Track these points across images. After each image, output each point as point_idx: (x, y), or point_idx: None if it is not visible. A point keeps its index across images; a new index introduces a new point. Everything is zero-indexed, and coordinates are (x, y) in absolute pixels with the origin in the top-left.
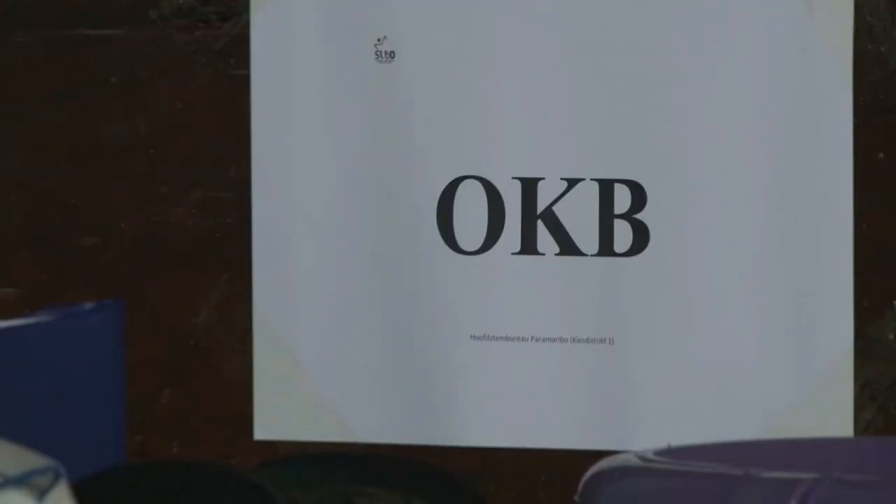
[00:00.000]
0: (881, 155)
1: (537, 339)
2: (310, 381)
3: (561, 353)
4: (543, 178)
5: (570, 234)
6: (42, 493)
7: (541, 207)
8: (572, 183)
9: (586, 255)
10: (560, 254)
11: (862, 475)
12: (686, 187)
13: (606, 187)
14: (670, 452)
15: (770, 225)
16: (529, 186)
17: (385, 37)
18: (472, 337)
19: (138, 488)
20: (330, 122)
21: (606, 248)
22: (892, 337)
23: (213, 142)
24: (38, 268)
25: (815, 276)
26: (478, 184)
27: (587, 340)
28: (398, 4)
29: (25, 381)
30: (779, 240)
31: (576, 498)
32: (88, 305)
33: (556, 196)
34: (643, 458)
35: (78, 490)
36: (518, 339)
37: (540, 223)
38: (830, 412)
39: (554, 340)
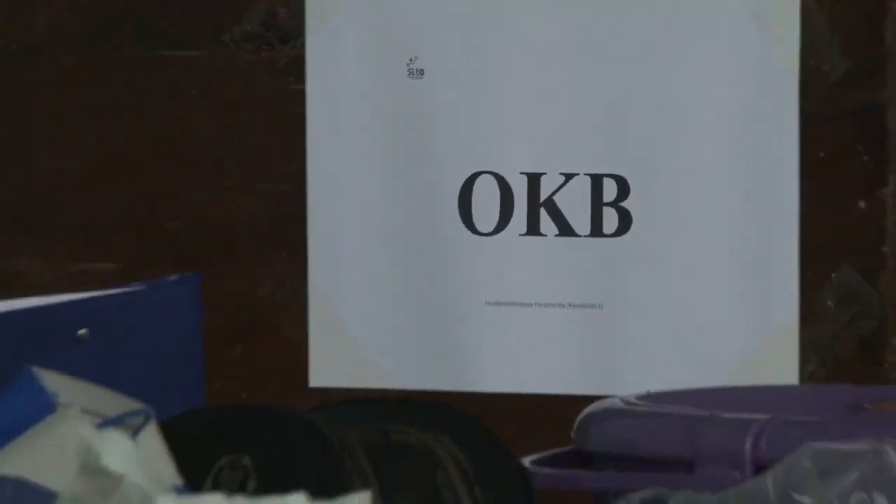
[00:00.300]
0: (822, 154)
1: (540, 305)
2: (354, 339)
3: (559, 316)
4: (545, 174)
5: (567, 218)
6: (135, 431)
7: (543, 197)
8: (569, 177)
9: (580, 236)
10: (559, 235)
11: (805, 416)
12: (662, 181)
13: (596, 181)
14: (649, 397)
15: (731, 212)
16: (534, 180)
17: (416, 58)
18: (487, 303)
19: (214, 427)
20: (371, 127)
21: (597, 230)
22: (830, 303)
23: (275, 144)
24: (132, 247)
25: (768, 254)
26: (491, 178)
27: (581, 305)
28: (426, 33)
29: (122, 339)
30: (739, 225)
31: (572, 435)
32: (172, 277)
33: (555, 188)
34: (626, 402)
35: (164, 428)
36: (524, 304)
37: (542, 210)
38: (780, 364)
39: (554, 305)
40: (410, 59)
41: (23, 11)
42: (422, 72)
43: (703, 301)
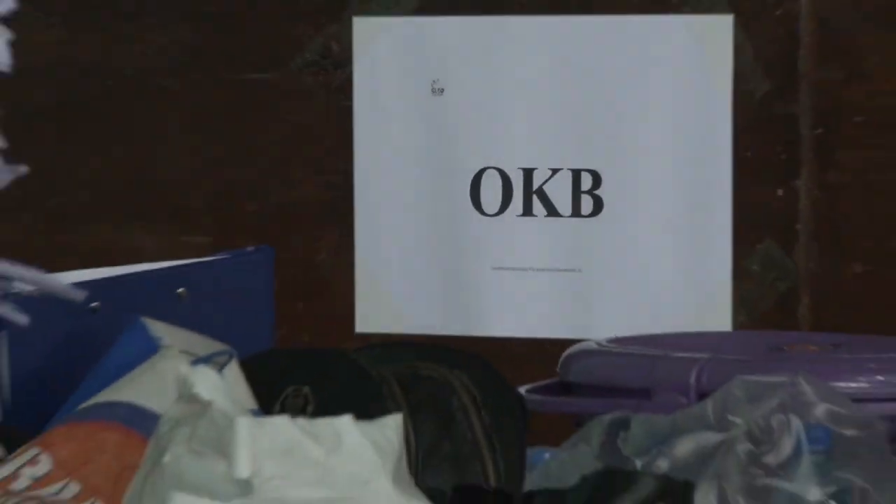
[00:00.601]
0: (749, 153)
1: (533, 269)
2: (389, 295)
3: (548, 278)
4: (537, 168)
5: (554, 203)
6: (221, 367)
7: (535, 186)
8: (555, 171)
9: (563, 217)
10: (547, 216)
11: (736, 356)
12: (627, 174)
13: (576, 174)
14: (616, 340)
15: (680, 198)
16: (528, 173)
17: (437, 79)
18: (493, 268)
19: (281, 364)
20: (403, 133)
21: (576, 212)
22: (755, 268)
23: (330, 146)
24: (220, 224)
25: (708, 230)
26: (495, 171)
27: (564, 270)
28: (445, 61)
29: (211, 296)
30: (685, 207)
31: (557, 369)
32: (251, 249)
33: (544, 179)
34: (599, 344)
35: (243, 365)
36: (521, 269)
37: (535, 196)
38: (717, 315)
39: (543, 270)
40: (434, 81)
41: (135, 44)
42: (442, 90)
43: (658, 266)
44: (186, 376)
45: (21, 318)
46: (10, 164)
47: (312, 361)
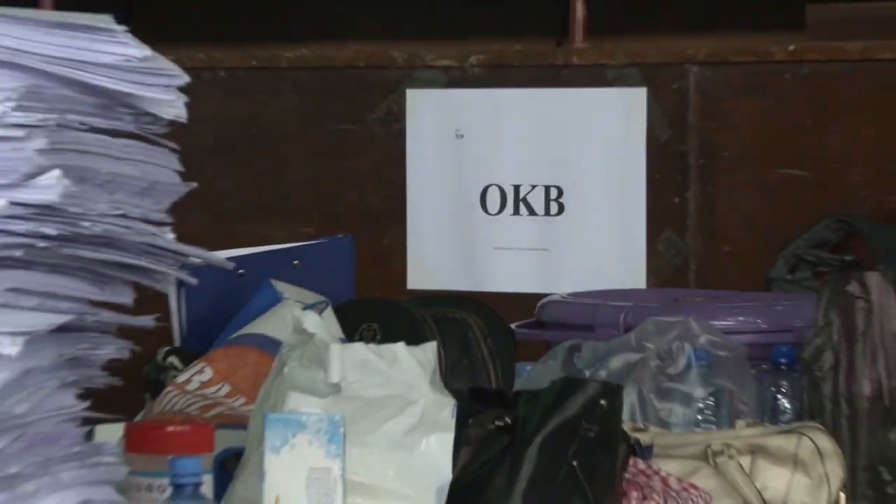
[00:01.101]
0: (657, 176)
1: (519, 249)
2: (428, 265)
3: (529, 254)
4: (522, 185)
5: (533, 207)
6: (320, 311)
7: (521, 196)
8: (534, 186)
9: (539, 216)
10: (529, 215)
11: (649, 304)
12: (579, 189)
13: (547, 188)
14: (573, 294)
15: (613, 204)
16: (517, 188)
17: (459, 129)
18: (494, 248)
19: (359, 309)
20: (437, 163)
21: (547, 212)
22: (661, 248)
23: (391, 171)
24: (321, 220)
25: (631, 223)
26: (496, 187)
27: (540, 249)
28: (464, 117)
29: (315, 266)
30: (617, 209)
31: (535, 312)
32: (340, 236)
33: (527, 192)
34: (562, 297)
35: (336, 310)
36: (511, 248)
37: (521, 203)
38: (637, 279)
39: (525, 249)
40: (457, 130)
41: (269, 106)
42: (462, 136)
43: (599, 247)
44: (299, 317)
45: (193, 280)
46: (184, 182)
47: (379, 308)
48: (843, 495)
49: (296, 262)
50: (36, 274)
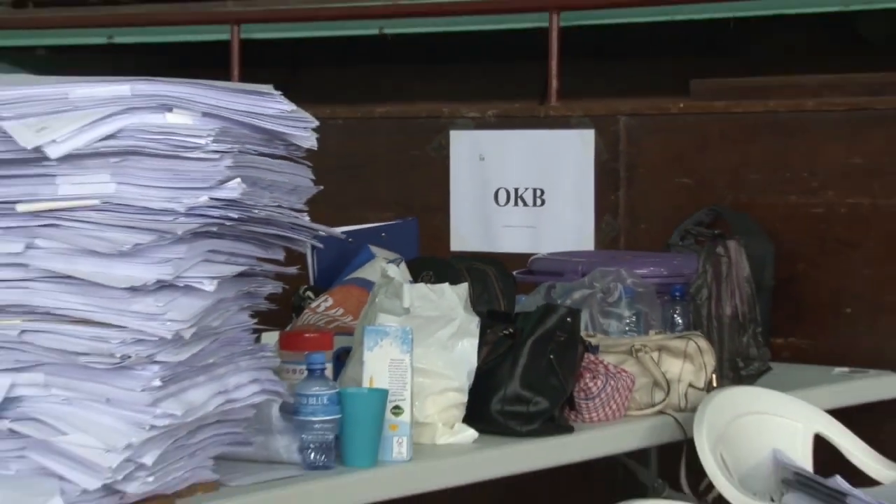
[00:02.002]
0: (600, 182)
1: (518, 226)
2: (462, 236)
3: (523, 230)
4: (519, 187)
5: (526, 201)
6: (398, 264)
7: (519, 194)
8: (526, 188)
9: (529, 206)
10: (525, 206)
11: (596, 260)
12: (555, 190)
13: (537, 190)
14: (551, 253)
15: (575, 201)
16: (516, 189)
17: (482, 154)
18: (503, 226)
19: (421, 263)
20: (469, 175)
21: (536, 204)
22: (603, 227)
23: (438, 187)
24: (399, 209)
25: (585, 212)
26: (504, 189)
27: (530, 227)
28: (486, 146)
29: (394, 236)
30: (577, 203)
31: (527, 264)
32: (409, 218)
33: (522, 192)
34: (543, 255)
35: (407, 263)
36: (514, 226)
37: (519, 199)
38: (588, 245)
39: (522, 227)
40: (480, 154)
41: (368, 138)
42: (483, 158)
43: (567, 225)
44: (384, 268)
45: (320, 245)
46: (315, 185)
47: (432, 262)
48: (714, 376)
49: (383, 234)
50: (225, 241)
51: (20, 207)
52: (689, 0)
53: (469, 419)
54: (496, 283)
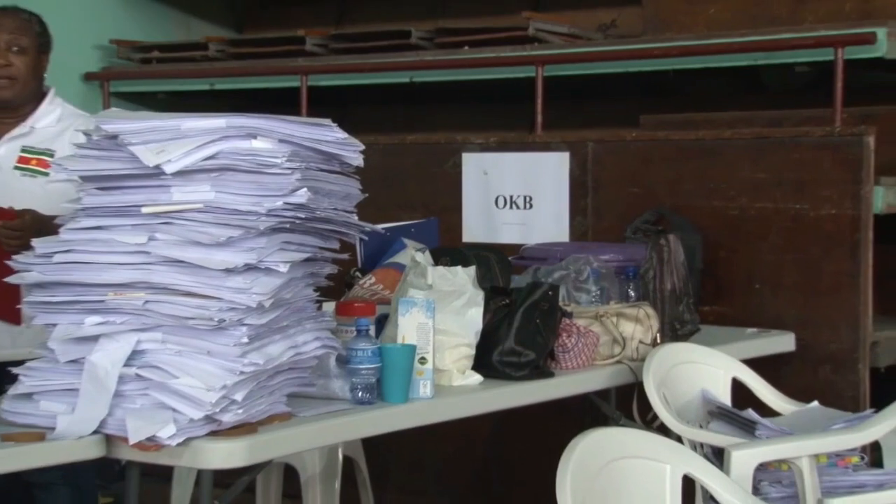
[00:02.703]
0: (573, 192)
1: (512, 224)
2: (471, 231)
3: (517, 227)
4: (513, 195)
5: (519, 204)
6: (423, 252)
7: (514, 200)
8: (519, 196)
9: (521, 209)
10: (517, 209)
11: (569, 248)
12: (542, 196)
13: (525, 197)
14: (538, 244)
15: (554, 203)
16: (511, 196)
17: (486, 170)
18: (503, 223)
19: (441, 252)
20: (476, 186)
21: (525, 208)
22: (575, 224)
23: (452, 191)
24: (424, 211)
25: (561, 211)
26: (502, 196)
27: (521, 224)
28: (489, 165)
29: (420, 231)
30: (555, 204)
31: (520, 252)
32: (432, 218)
33: (516, 198)
34: (531, 245)
35: (432, 252)
36: (511, 223)
37: (513, 203)
38: (564, 238)
39: (515, 224)
40: (484, 171)
41: (401, 159)
42: (486, 173)
43: (547, 225)
44: (413, 255)
45: (365, 237)
46: (361, 193)
47: (449, 251)
48: (658, 335)
49: (412, 230)
50: (295, 234)
51: (144, 210)
52: (639, 56)
53: (476, 367)
54: (496, 266)
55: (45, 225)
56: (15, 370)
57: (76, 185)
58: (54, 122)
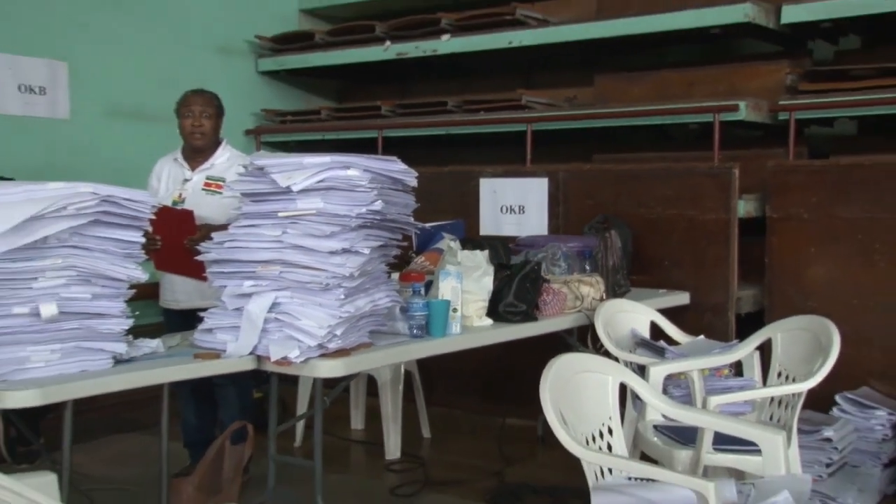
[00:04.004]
0: (550, 204)
1: (511, 224)
2: (485, 228)
3: (514, 226)
4: (512, 205)
5: (515, 211)
6: (454, 241)
7: (512, 208)
8: (516, 205)
9: (517, 214)
10: (514, 214)
11: (549, 238)
12: (531, 206)
13: (520, 206)
14: (527, 236)
15: (539, 205)
16: (511, 206)
17: (495, 190)
18: (505, 224)
19: (465, 242)
20: (487, 201)
21: (518, 212)
22: (552, 224)
23: (474, 204)
24: (453, 214)
25: (541, 217)
26: (505, 206)
27: (516, 224)
28: (497, 187)
29: (451, 230)
30: (537, 204)
31: (516, 240)
32: (460, 220)
33: (512, 207)
34: (523, 237)
35: (461, 242)
36: (508, 224)
37: (511, 211)
38: (543, 231)
39: (513, 224)
40: (494, 190)
41: (437, 185)
42: (495, 192)
43: (533, 224)
44: (448, 243)
45: (419, 231)
46: (415, 204)
47: (471, 241)
48: (604, 293)
49: (448, 227)
50: (373, 230)
51: (280, 214)
52: (592, 117)
53: (488, 314)
54: (501, 250)
55: (213, 228)
56: (202, 314)
57: (239, 199)
58: (226, 160)
